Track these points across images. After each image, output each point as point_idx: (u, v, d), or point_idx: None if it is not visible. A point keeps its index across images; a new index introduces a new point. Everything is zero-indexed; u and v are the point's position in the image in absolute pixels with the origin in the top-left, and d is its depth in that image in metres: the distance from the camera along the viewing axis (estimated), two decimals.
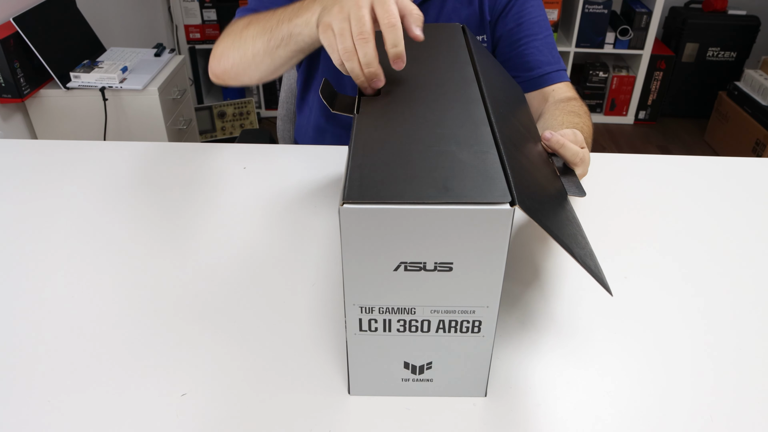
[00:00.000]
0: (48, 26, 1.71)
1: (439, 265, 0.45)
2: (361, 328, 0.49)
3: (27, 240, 0.72)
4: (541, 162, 0.59)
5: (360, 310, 0.48)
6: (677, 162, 0.91)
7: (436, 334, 0.48)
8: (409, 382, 0.51)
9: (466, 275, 0.45)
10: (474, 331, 0.48)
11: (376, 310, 0.48)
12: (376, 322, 0.48)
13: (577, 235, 0.52)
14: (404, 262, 0.44)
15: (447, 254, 0.44)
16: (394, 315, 0.48)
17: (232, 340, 0.58)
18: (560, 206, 0.54)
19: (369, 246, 0.44)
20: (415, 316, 0.47)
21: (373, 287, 0.46)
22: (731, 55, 2.79)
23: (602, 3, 2.62)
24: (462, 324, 0.48)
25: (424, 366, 0.50)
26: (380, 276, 0.45)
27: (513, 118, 0.60)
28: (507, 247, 0.43)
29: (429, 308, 0.47)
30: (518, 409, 0.52)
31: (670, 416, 0.51)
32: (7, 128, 1.66)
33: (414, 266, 0.45)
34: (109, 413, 0.51)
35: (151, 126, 1.80)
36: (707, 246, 0.72)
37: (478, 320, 0.47)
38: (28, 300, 0.63)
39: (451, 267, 0.45)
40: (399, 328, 0.48)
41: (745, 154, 2.49)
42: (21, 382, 0.54)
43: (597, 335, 0.59)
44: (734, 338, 0.59)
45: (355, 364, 0.51)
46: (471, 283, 0.45)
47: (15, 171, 0.87)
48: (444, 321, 0.47)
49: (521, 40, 0.95)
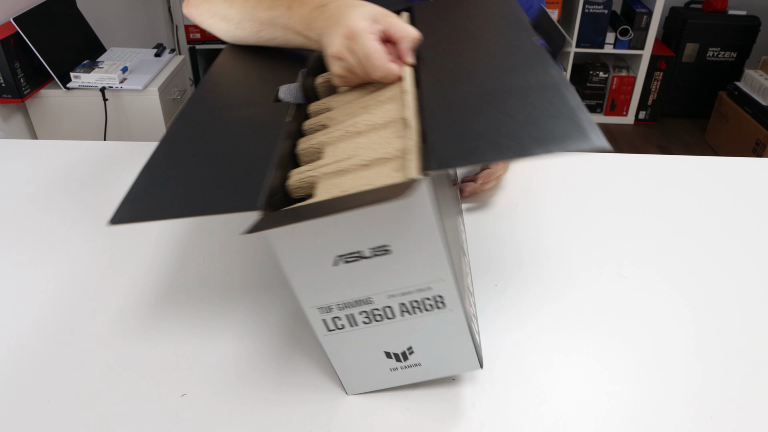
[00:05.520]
0: (48, 26, 1.71)
1: (375, 250, 0.44)
2: (329, 329, 0.49)
3: (27, 240, 0.72)
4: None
5: (319, 311, 0.48)
6: (677, 162, 0.91)
7: (402, 318, 0.48)
8: (398, 370, 0.51)
9: (407, 254, 0.44)
10: (439, 307, 0.47)
11: (335, 308, 0.48)
12: (340, 319, 0.48)
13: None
14: (340, 255, 0.44)
15: (379, 239, 0.43)
16: (353, 309, 0.47)
17: (232, 340, 0.58)
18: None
19: (302, 252, 0.45)
20: (374, 305, 0.47)
21: (321, 286, 0.46)
22: (731, 55, 2.79)
23: (602, 3, 2.62)
24: (424, 302, 0.47)
25: (406, 352, 0.50)
26: (323, 274, 0.46)
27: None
28: (434, 219, 0.42)
29: (384, 294, 0.46)
30: (518, 409, 0.52)
31: (670, 416, 0.51)
32: (7, 128, 1.66)
33: (351, 257, 0.45)
34: (110, 413, 0.51)
35: (151, 126, 1.80)
36: (707, 246, 0.72)
37: (438, 295, 0.46)
38: (31, 299, 0.63)
39: (389, 249, 0.44)
40: (364, 320, 0.48)
41: (745, 154, 2.49)
42: (21, 382, 0.54)
43: (597, 335, 0.59)
44: (734, 338, 0.59)
45: (338, 365, 0.51)
46: (415, 261, 0.44)
47: (15, 171, 0.87)
48: (405, 303, 0.47)
49: None
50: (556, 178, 0.86)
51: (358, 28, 0.54)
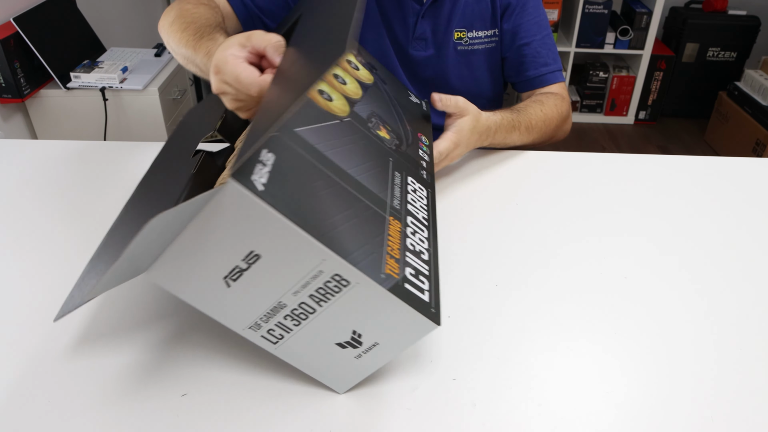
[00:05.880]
0: (48, 26, 1.71)
1: (247, 259, 0.44)
2: (272, 342, 0.50)
3: (27, 240, 0.72)
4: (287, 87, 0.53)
5: (252, 330, 0.49)
6: (677, 162, 0.91)
7: (322, 308, 0.47)
8: (363, 356, 0.50)
9: (275, 251, 0.44)
10: (344, 285, 0.45)
11: (261, 322, 0.48)
12: (274, 330, 0.49)
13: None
14: (224, 276, 0.46)
15: (242, 248, 0.44)
16: (276, 317, 0.48)
17: (232, 340, 0.58)
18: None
19: (191, 287, 0.47)
20: (289, 306, 0.47)
21: (233, 309, 0.48)
22: (731, 55, 2.79)
23: (602, 3, 2.62)
24: (327, 286, 0.45)
25: (355, 338, 0.49)
26: (226, 298, 0.47)
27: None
28: (274, 211, 0.41)
29: (289, 293, 0.46)
30: (518, 410, 0.52)
31: (670, 416, 0.51)
32: (7, 128, 1.66)
33: (234, 274, 0.45)
34: (110, 413, 0.51)
35: (151, 126, 1.80)
36: (707, 246, 0.72)
37: (335, 274, 0.45)
38: (30, 299, 0.63)
39: (257, 254, 0.44)
40: (294, 323, 0.48)
41: (745, 154, 2.49)
42: (20, 381, 0.54)
43: (597, 335, 0.59)
44: (735, 338, 0.59)
45: (309, 370, 0.52)
46: (285, 254, 0.44)
47: (15, 171, 0.87)
48: (313, 294, 0.46)
49: (519, 42, 0.97)
50: (556, 177, 0.86)
51: (220, 60, 0.57)
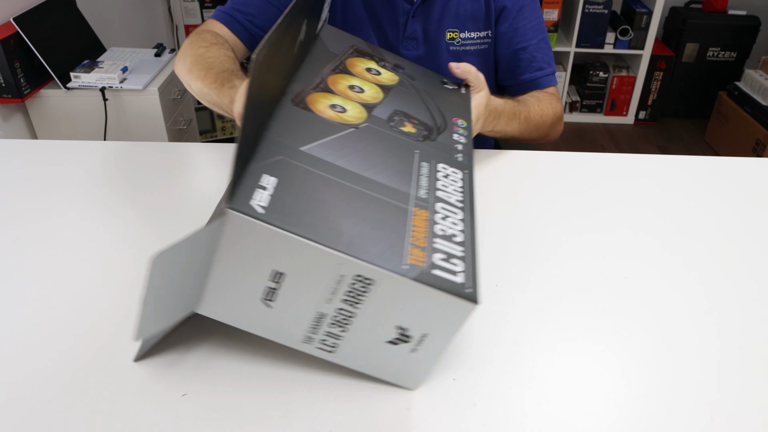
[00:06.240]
0: (48, 26, 1.70)
1: (274, 278, 0.46)
2: (329, 351, 0.51)
3: (27, 240, 0.72)
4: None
5: (306, 345, 0.51)
6: (677, 162, 0.91)
7: (359, 309, 0.47)
8: (418, 350, 0.50)
9: (296, 265, 0.45)
10: (369, 283, 0.45)
11: (311, 334, 0.50)
12: (325, 340, 0.50)
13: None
14: (261, 298, 0.47)
15: (266, 269, 0.45)
16: (322, 327, 0.49)
17: (233, 340, 0.58)
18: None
19: (240, 315, 0.49)
20: (331, 314, 0.48)
21: (279, 328, 0.50)
22: (731, 55, 2.79)
23: (602, 3, 2.62)
24: (355, 288, 0.45)
25: (403, 333, 0.49)
26: (269, 318, 0.49)
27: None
28: (280, 232, 0.42)
29: (323, 302, 0.47)
30: (518, 410, 0.52)
31: (670, 416, 0.51)
32: (7, 128, 1.66)
33: (269, 295, 0.47)
34: (110, 413, 0.51)
35: (151, 126, 1.80)
36: (707, 246, 0.72)
37: (356, 275, 0.45)
38: (29, 299, 0.63)
39: (282, 273, 0.45)
40: (340, 330, 0.49)
41: (745, 154, 2.49)
42: (20, 381, 0.53)
43: (597, 335, 0.59)
44: (735, 339, 0.59)
45: (375, 373, 0.53)
46: (306, 266, 0.44)
47: (15, 171, 0.87)
48: (345, 299, 0.46)
49: (515, 46, 0.97)
50: (556, 178, 0.86)
51: (237, 114, 0.64)
